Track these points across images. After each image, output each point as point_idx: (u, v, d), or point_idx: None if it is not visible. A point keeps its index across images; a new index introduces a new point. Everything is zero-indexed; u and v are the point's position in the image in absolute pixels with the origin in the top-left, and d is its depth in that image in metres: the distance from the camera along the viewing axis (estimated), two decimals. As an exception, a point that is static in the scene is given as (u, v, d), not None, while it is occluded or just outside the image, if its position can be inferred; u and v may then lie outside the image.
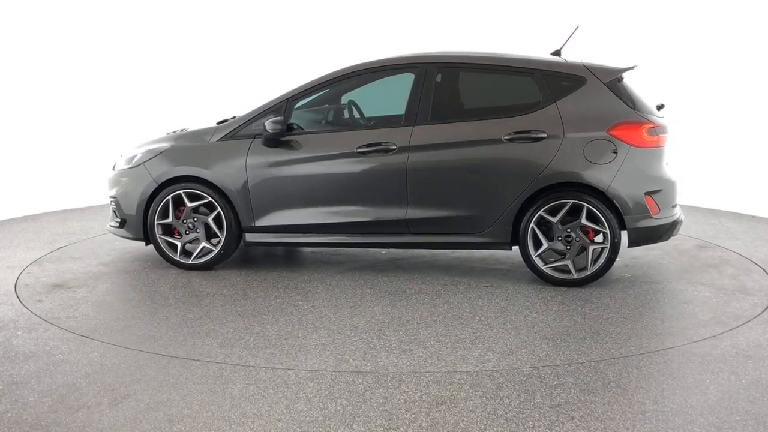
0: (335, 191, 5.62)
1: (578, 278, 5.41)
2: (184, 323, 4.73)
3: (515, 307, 5.05)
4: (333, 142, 5.65)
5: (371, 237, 5.68)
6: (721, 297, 5.28)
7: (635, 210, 5.32)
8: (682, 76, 9.64)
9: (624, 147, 5.29)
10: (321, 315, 4.89)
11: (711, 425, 3.39)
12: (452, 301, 5.18)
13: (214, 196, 5.72)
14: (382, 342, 4.41)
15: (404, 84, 5.94)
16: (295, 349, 4.29)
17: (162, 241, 5.86)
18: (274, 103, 5.74)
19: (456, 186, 5.46)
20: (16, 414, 3.49)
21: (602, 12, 9.88)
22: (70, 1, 9.86)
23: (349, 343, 4.39)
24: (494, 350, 4.27)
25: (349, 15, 10.61)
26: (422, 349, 4.28)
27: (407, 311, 4.96)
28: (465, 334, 4.54)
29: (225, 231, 5.76)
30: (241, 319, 4.80)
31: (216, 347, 4.32)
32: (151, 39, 10.25)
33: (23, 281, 5.69)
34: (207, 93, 10.08)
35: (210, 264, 5.86)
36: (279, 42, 10.56)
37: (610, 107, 5.38)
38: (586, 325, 4.69)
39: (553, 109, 5.39)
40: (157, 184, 5.80)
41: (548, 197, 5.36)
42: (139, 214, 5.86)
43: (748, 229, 7.47)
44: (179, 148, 5.88)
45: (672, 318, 4.86)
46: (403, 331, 4.58)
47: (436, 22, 10.45)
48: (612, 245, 5.33)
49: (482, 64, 5.65)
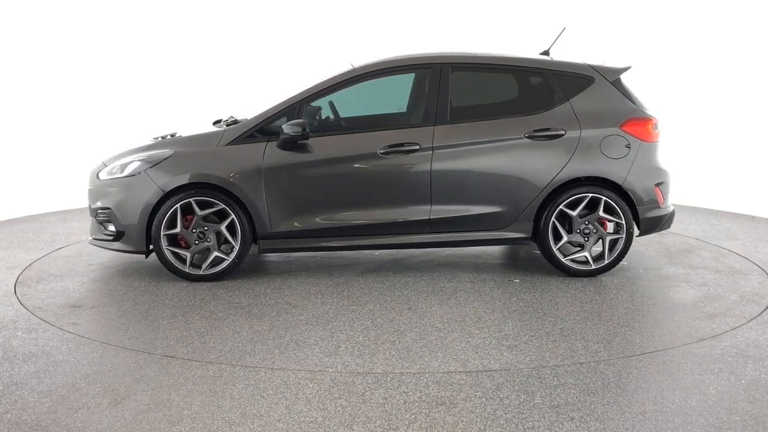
0: (357, 193, 5.57)
1: (596, 268, 5.65)
2: (184, 324, 4.73)
3: (512, 308, 5.05)
4: (353, 144, 5.58)
5: (393, 238, 5.66)
6: (721, 297, 5.28)
7: (647, 201, 5.66)
8: (682, 76, 9.64)
9: (636, 142, 5.61)
10: (320, 315, 4.89)
11: (711, 425, 3.39)
12: (451, 300, 5.19)
13: (228, 202, 5.50)
14: (382, 342, 4.41)
15: (398, 83, 5.96)
16: (295, 350, 4.29)
17: (169, 253, 5.56)
18: (287, 105, 5.60)
19: (479, 184, 5.56)
20: (16, 414, 3.49)
21: (587, 13, 9.89)
22: (70, 1, 9.87)
23: (349, 343, 4.40)
24: (494, 350, 4.27)
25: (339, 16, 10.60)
26: (421, 349, 4.28)
27: (407, 311, 4.96)
28: (464, 333, 4.54)
29: (239, 239, 5.54)
30: (241, 320, 4.80)
31: (216, 348, 4.32)
32: (151, 40, 10.24)
33: (23, 281, 5.69)
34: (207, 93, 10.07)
35: (222, 274, 5.60)
36: (268, 42, 10.55)
37: (619, 104, 5.68)
38: (585, 326, 4.69)
39: (567, 107, 5.62)
40: (163, 192, 5.46)
41: (571, 191, 5.56)
42: (141, 224, 5.51)
43: (748, 229, 7.47)
44: (185, 153, 5.59)
45: (671, 318, 4.86)
46: (403, 331, 4.58)
47: (422, 22, 10.44)
48: (627, 235, 5.61)
49: (495, 63, 5.77)
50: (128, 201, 5.56)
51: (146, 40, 10.25)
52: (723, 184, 8.93)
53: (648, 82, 9.35)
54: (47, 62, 9.70)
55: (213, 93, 10.00)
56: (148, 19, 10.29)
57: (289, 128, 5.43)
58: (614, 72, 5.76)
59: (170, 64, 10.33)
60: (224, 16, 10.57)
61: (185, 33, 10.40)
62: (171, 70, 10.32)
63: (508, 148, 5.56)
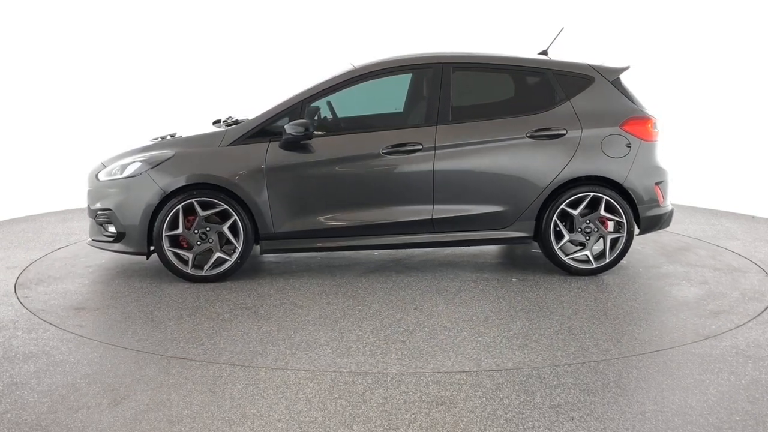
0: (360, 193, 5.57)
1: (597, 267, 5.69)
2: (184, 323, 4.73)
3: (518, 307, 5.05)
4: (356, 144, 5.58)
5: (396, 238, 5.66)
6: (721, 297, 5.28)
7: (647, 200, 5.71)
8: (682, 76, 9.64)
9: (636, 141, 5.66)
10: (320, 315, 4.89)
11: (711, 425, 3.39)
12: (456, 300, 5.19)
13: (230, 203, 5.48)
14: (392, 342, 4.41)
15: (396, 83, 5.96)
16: (295, 350, 4.29)
17: (171, 254, 5.53)
18: (289, 105, 5.59)
19: (482, 184, 5.59)
20: (16, 414, 3.49)
21: (585, 13, 9.90)
22: (71, 2, 9.87)
23: (349, 343, 4.40)
24: (493, 350, 4.28)
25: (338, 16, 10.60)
26: (421, 349, 4.29)
27: (414, 311, 4.96)
28: (463, 334, 4.54)
29: (242, 239, 5.52)
30: (240, 320, 4.80)
31: (216, 348, 4.32)
32: (151, 40, 10.25)
33: (23, 282, 5.69)
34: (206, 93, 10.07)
35: (225, 275, 5.57)
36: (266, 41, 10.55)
37: (618, 104, 5.74)
38: (584, 326, 4.69)
39: (568, 107, 5.67)
40: (165, 193, 5.43)
41: (572, 190, 5.60)
42: (143, 225, 5.47)
43: (748, 229, 7.47)
44: (187, 154, 5.55)
45: (671, 318, 4.86)
46: (403, 331, 4.58)
47: (420, 22, 10.44)
48: (627, 234, 5.65)
49: (496, 63, 5.80)
50: (129, 202, 5.52)
51: (146, 40, 10.25)
52: (723, 184, 8.93)
53: (648, 82, 9.36)
54: (47, 63, 9.71)
55: (212, 93, 10.01)
56: (148, 19, 10.29)
57: (291, 128, 5.42)
58: (614, 72, 5.81)
59: (170, 64, 10.33)
60: (222, 15, 10.57)
61: (185, 33, 10.40)
62: (171, 70, 10.32)
63: (510, 147, 5.58)
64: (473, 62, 5.81)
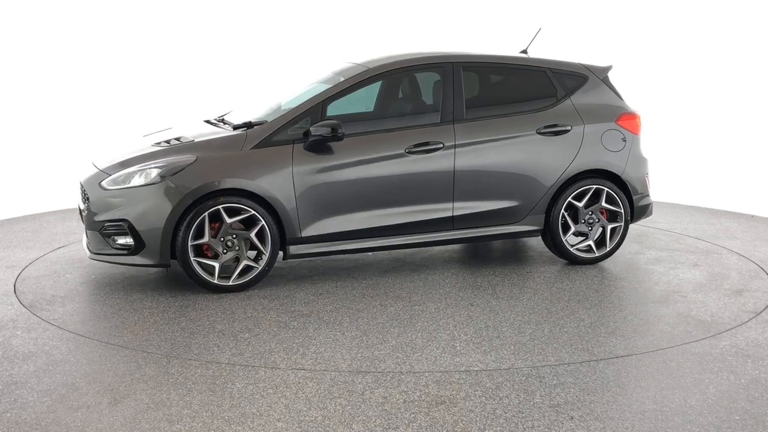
0: (386, 193, 5.55)
1: (599, 255, 5.97)
2: (184, 323, 4.73)
3: (510, 308, 5.05)
4: (380, 143, 5.54)
5: (417, 236, 5.69)
6: (720, 296, 5.28)
7: (640, 190, 6.06)
8: (683, 76, 9.63)
9: (629, 135, 6.02)
10: (320, 315, 4.89)
11: (710, 425, 3.39)
12: (447, 302, 5.19)
13: (257, 208, 5.24)
14: (381, 342, 4.41)
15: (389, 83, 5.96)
16: (294, 349, 4.29)
17: (196, 264, 5.22)
18: (309, 106, 5.46)
19: (499, 179, 5.75)
20: (16, 414, 3.49)
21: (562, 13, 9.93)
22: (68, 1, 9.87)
23: (349, 342, 4.40)
24: (493, 350, 4.28)
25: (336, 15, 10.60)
26: (421, 349, 4.29)
27: (404, 310, 4.97)
28: (462, 333, 4.54)
29: (270, 245, 5.31)
30: (240, 320, 4.80)
31: (215, 347, 4.32)
32: (150, 40, 10.25)
33: (23, 281, 5.69)
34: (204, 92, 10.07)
35: (252, 283, 5.34)
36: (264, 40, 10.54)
37: (610, 101, 6.08)
38: (584, 326, 4.69)
39: (569, 104, 5.94)
40: (192, 200, 5.13)
41: (578, 183, 5.86)
42: (167, 235, 5.15)
43: (748, 228, 7.47)
44: (211, 159, 5.28)
45: (671, 318, 4.86)
46: (401, 330, 4.59)
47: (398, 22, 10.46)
48: (625, 223, 5.98)
49: (500, 63, 6.00)
50: (150, 212, 5.17)
51: (145, 40, 10.25)
52: (723, 183, 8.92)
53: (648, 82, 9.36)
54: (46, 62, 9.70)
55: (201, 89, 10.01)
56: (147, 19, 10.29)
57: (317, 129, 5.30)
58: (602, 70, 6.13)
59: (170, 64, 10.32)
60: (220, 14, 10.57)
61: (184, 33, 10.40)
62: (170, 70, 10.31)
63: (523, 143, 5.78)
64: (481, 62, 5.98)
